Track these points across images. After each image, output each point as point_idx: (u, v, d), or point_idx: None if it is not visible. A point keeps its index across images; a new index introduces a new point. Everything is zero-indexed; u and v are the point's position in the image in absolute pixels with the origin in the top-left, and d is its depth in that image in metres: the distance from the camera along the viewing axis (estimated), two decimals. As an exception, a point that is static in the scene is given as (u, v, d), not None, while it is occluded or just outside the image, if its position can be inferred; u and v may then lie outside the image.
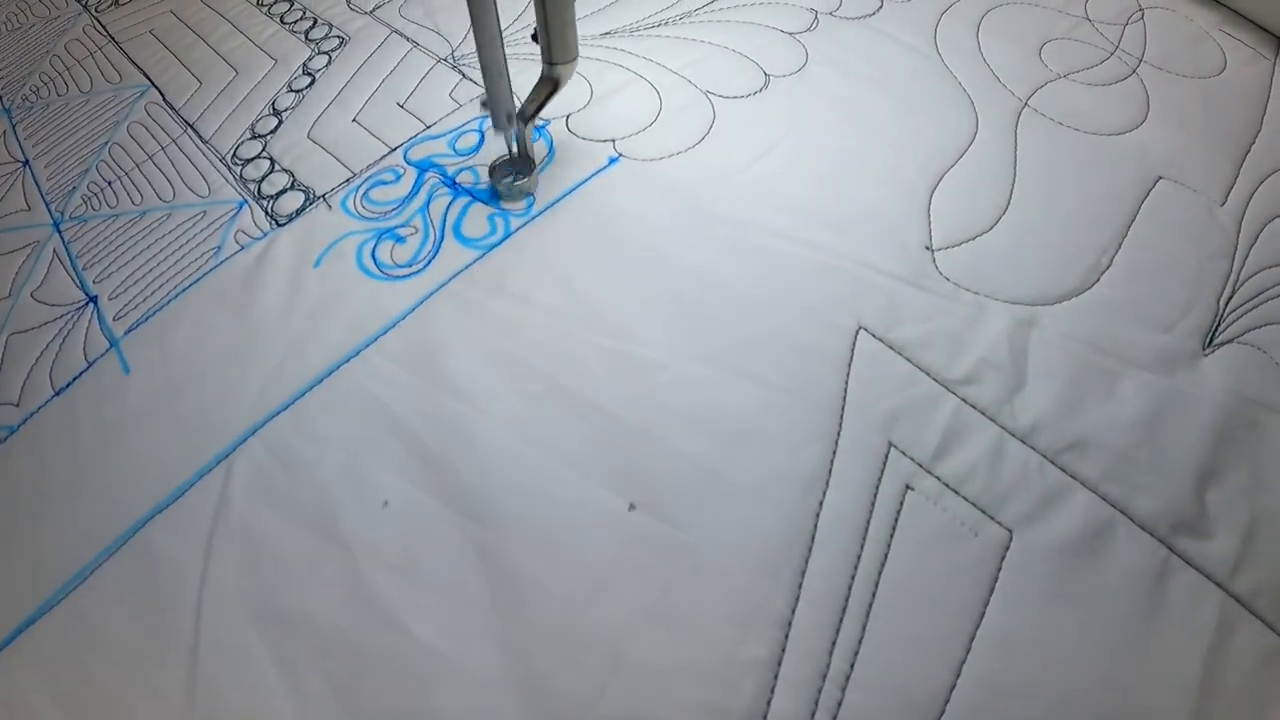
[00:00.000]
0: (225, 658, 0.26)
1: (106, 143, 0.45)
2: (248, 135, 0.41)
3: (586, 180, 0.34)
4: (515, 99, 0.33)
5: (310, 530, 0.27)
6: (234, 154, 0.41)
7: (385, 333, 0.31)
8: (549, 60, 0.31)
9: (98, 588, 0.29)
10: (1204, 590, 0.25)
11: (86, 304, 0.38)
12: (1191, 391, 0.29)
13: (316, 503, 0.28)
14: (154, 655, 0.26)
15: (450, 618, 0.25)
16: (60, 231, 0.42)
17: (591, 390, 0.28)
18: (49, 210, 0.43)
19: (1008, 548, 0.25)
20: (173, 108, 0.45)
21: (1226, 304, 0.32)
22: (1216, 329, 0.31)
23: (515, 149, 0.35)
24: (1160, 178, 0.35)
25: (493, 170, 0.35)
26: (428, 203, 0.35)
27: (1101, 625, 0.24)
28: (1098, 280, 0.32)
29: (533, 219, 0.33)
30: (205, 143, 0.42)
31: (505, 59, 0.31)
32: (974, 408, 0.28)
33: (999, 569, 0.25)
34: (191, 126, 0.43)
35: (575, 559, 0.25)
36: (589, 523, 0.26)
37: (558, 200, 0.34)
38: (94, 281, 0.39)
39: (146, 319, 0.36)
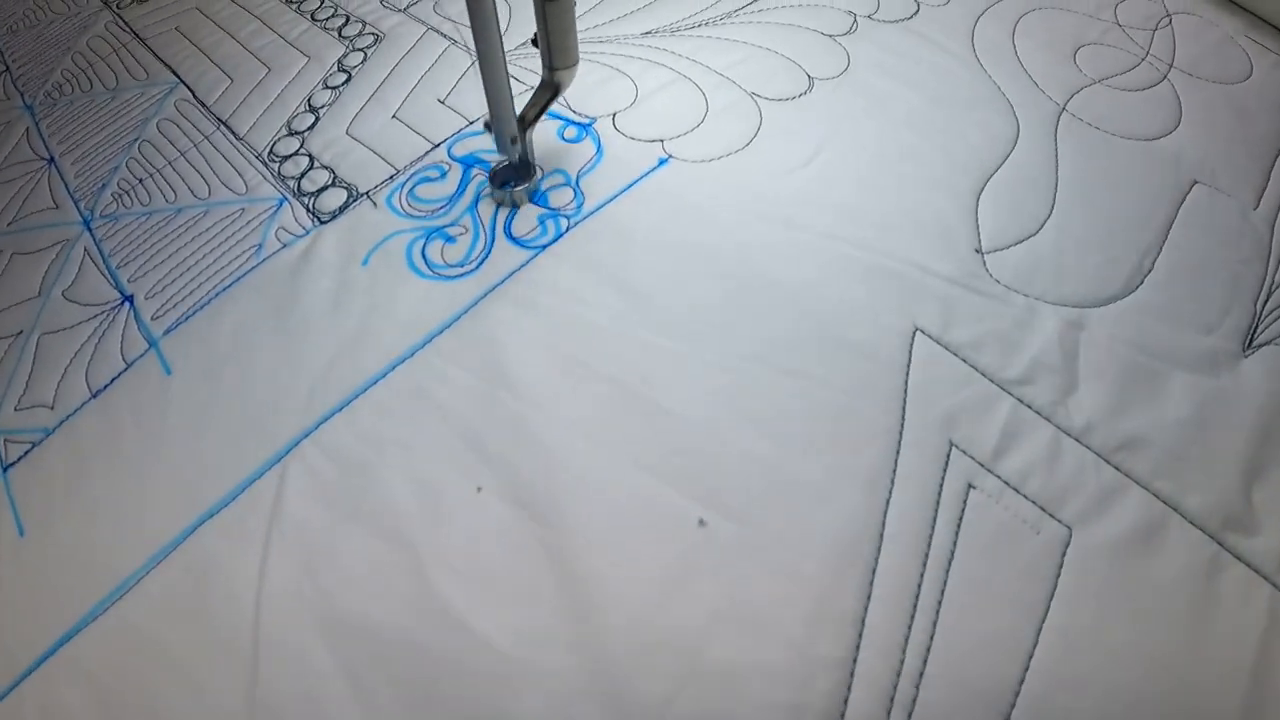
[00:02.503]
0: (287, 666, 0.26)
1: (136, 139, 0.44)
2: (284, 132, 0.41)
3: (637, 181, 0.34)
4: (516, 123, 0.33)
5: (371, 534, 0.27)
6: (270, 151, 0.40)
7: (440, 333, 0.31)
8: (550, 66, 0.31)
9: (147, 596, 0.28)
10: (1253, 584, 0.26)
11: (122, 303, 0.37)
12: (1234, 392, 0.30)
13: (377, 506, 0.28)
14: (210, 664, 0.26)
15: (522, 621, 0.25)
16: (91, 229, 0.41)
17: (654, 391, 0.28)
18: (78, 208, 0.43)
19: (1068, 545, 0.26)
20: (204, 104, 0.45)
21: (1263, 307, 0.33)
22: (1255, 331, 0.32)
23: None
24: (1195, 182, 0.36)
25: (493, 175, 0.35)
26: (476, 201, 0.35)
27: (1157, 619, 0.25)
28: (1141, 283, 0.32)
29: (584, 219, 0.33)
30: (240, 140, 0.41)
31: (509, 80, 0.31)
32: (1030, 407, 0.28)
33: (1060, 566, 0.26)
34: (224, 123, 0.43)
35: (646, 560, 0.25)
36: (659, 524, 0.26)
37: (609, 200, 0.34)
38: (129, 280, 0.38)
39: (186, 318, 0.35)
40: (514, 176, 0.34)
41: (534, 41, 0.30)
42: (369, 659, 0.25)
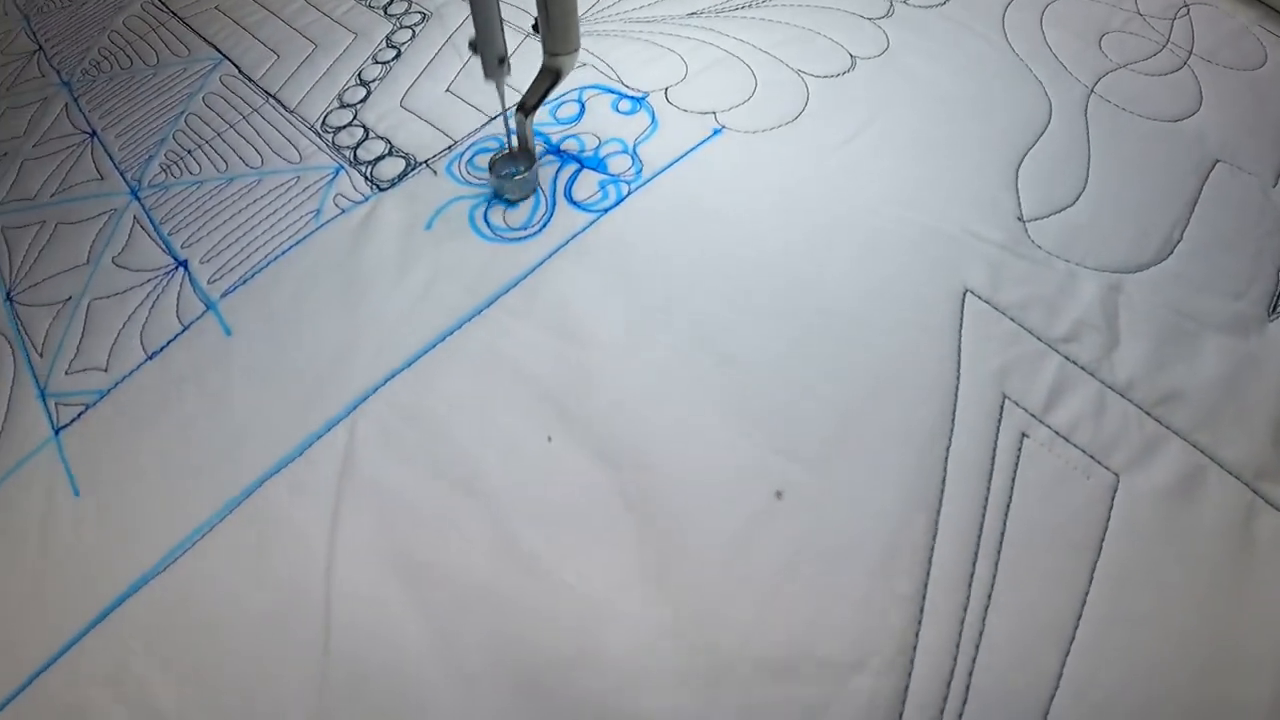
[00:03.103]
0: (363, 615, 0.26)
1: (182, 112, 0.45)
2: (336, 104, 0.41)
3: (693, 149, 0.35)
4: (506, 43, 0.31)
5: (448, 486, 0.28)
6: (323, 122, 0.41)
7: (507, 291, 0.32)
8: (550, 51, 0.30)
9: (212, 550, 0.28)
10: (1286, 531, 0.27)
11: (176, 268, 0.38)
12: (1262, 353, 0.31)
13: (452, 459, 0.28)
14: (282, 616, 0.26)
15: (603, 565, 0.25)
16: (139, 199, 0.42)
17: (722, 343, 0.29)
18: (124, 179, 0.43)
19: (1116, 490, 0.27)
20: (250, 79, 0.45)
21: (1284, 275, 0.35)
22: (1279, 298, 0.34)
23: (514, 140, 0.34)
24: (1218, 161, 0.38)
25: (493, 164, 0.34)
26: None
27: (1200, 560, 0.26)
28: (1172, 252, 0.34)
29: (645, 184, 0.34)
30: (290, 112, 0.42)
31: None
32: (1075, 364, 0.30)
33: (1110, 509, 0.27)
34: (274, 97, 0.43)
35: (723, 502, 0.26)
36: (734, 468, 0.27)
37: (667, 167, 0.35)
38: (182, 246, 0.39)
39: (245, 281, 0.36)
40: (513, 165, 0.34)
41: (534, 27, 0.30)
42: (449, 605, 0.26)
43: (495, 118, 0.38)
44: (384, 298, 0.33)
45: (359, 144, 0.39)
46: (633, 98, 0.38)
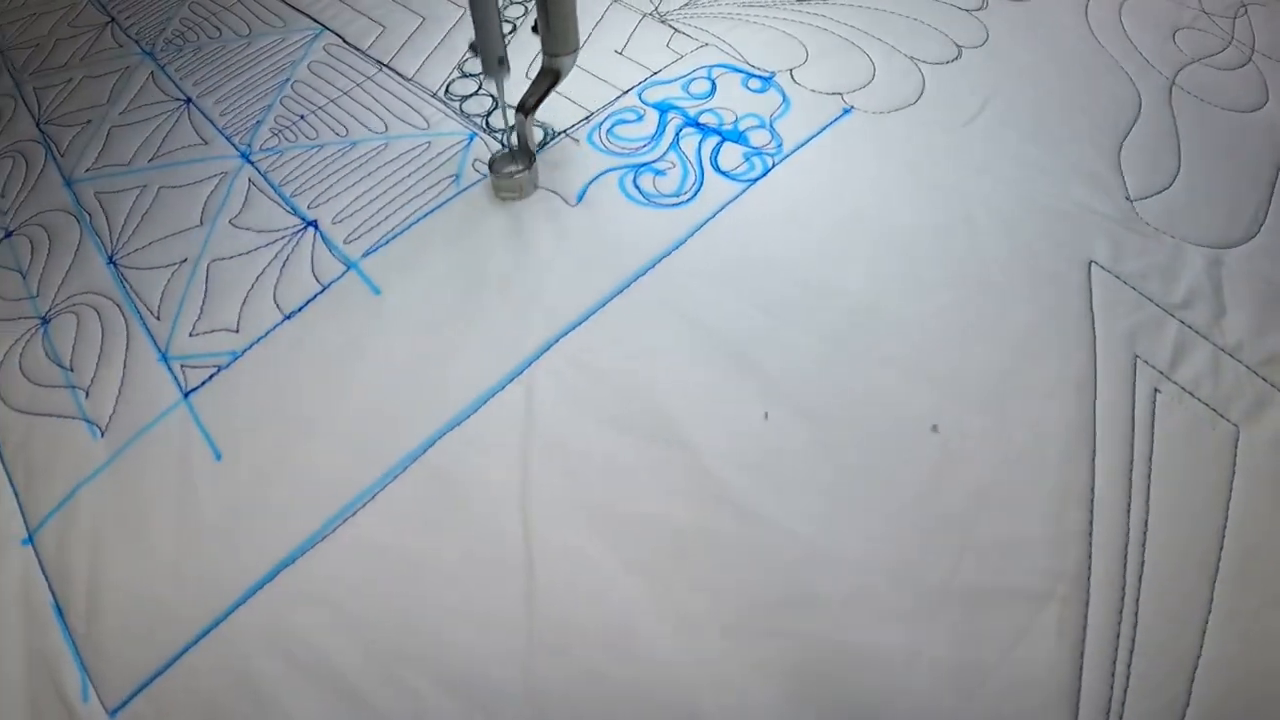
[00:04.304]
0: (565, 568, 0.26)
1: (287, 80, 0.45)
2: (457, 74, 0.42)
3: (828, 126, 0.37)
4: (505, 44, 0.32)
5: (639, 437, 0.29)
6: (447, 90, 0.41)
7: (672, 252, 0.33)
8: (550, 52, 0.31)
9: (387, 510, 0.28)
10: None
11: (305, 228, 0.38)
12: (1343, 321, 0.35)
13: (641, 410, 0.29)
14: (475, 571, 0.27)
15: (809, 507, 0.27)
16: (252, 162, 0.41)
17: (890, 303, 0.31)
18: (232, 143, 0.43)
19: (1238, 440, 0.30)
20: (358, 49, 0.45)
21: (1352, 253, 0.38)
22: (1350, 273, 0.37)
23: (515, 140, 0.34)
24: (1288, 149, 0.41)
25: (492, 164, 0.34)
26: (676, 141, 0.37)
27: None
28: (1259, 230, 0.37)
29: (786, 158, 0.36)
30: (409, 80, 0.42)
31: (498, 2, 0.30)
32: (1191, 329, 0.33)
33: (1235, 455, 0.30)
34: (387, 65, 0.43)
35: (909, 455, 0.28)
36: (915, 422, 0.28)
37: (807, 142, 0.37)
38: (309, 207, 0.39)
39: (386, 242, 0.36)
40: (512, 164, 0.34)
41: (534, 28, 0.31)
42: (655, 553, 0.26)
43: (627, 92, 0.39)
44: (547, 259, 0.34)
45: (490, 113, 0.40)
46: (761, 77, 0.40)
